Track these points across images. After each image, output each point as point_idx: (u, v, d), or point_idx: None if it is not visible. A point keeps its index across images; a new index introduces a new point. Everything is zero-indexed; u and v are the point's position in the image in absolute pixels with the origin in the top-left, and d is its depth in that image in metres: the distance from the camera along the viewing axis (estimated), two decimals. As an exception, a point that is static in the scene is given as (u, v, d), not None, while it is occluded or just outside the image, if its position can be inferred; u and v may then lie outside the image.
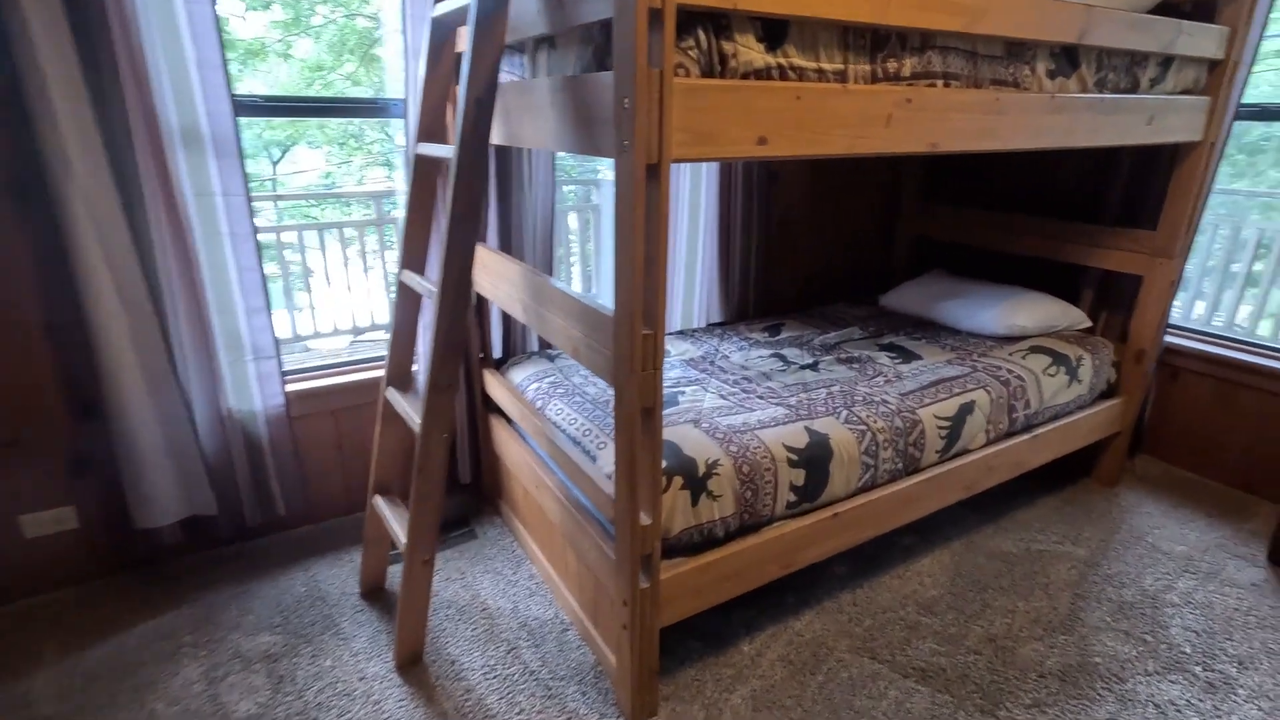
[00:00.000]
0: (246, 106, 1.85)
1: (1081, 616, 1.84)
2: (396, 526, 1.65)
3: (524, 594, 1.91)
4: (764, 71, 1.22)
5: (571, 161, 3.65)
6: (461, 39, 1.62)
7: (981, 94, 1.51)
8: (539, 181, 2.11)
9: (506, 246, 2.11)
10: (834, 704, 1.56)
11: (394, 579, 1.93)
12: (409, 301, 1.70)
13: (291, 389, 2.01)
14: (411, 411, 1.59)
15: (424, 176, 1.65)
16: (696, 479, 1.51)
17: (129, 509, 1.81)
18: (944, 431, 1.91)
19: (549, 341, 1.83)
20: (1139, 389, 2.39)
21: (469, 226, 1.42)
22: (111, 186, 1.58)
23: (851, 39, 1.31)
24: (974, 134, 1.53)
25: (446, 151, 1.46)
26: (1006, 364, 2.15)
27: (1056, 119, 1.67)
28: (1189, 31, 1.86)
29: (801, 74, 1.27)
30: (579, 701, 1.57)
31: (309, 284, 3.22)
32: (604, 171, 3.09)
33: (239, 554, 2.05)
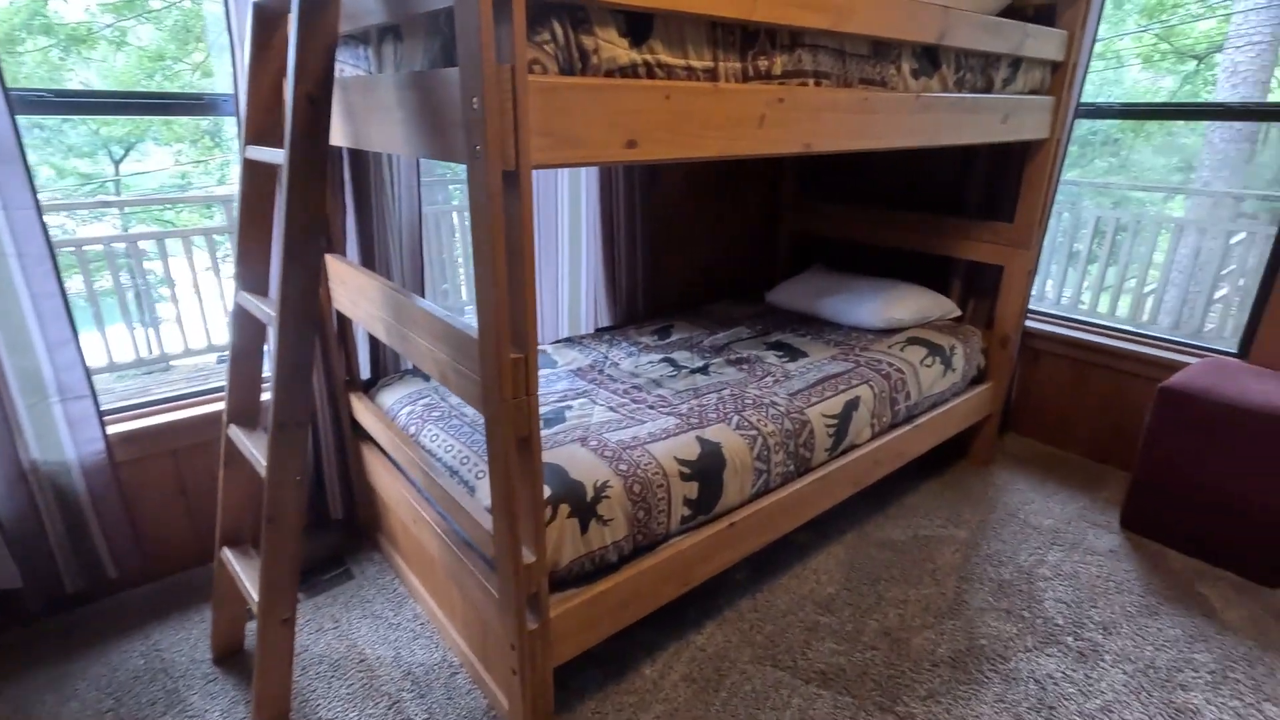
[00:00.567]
0: (30, 103, 1.56)
1: (966, 599, 1.91)
2: (248, 583, 1.45)
3: (408, 637, 1.75)
4: (629, 69, 1.14)
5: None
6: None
7: (852, 93, 1.50)
8: (402, 185, 1.93)
9: (369, 259, 1.92)
10: (739, 721, 1.52)
11: (254, 639, 1.71)
12: (249, 326, 1.49)
13: (116, 430, 1.74)
14: (258, 452, 1.40)
15: (258, 183, 1.45)
16: (585, 505, 1.41)
17: (-99, 593, 1.49)
18: (832, 429, 1.92)
19: (415, 364, 1.68)
20: (1006, 373, 2.52)
21: (310, 240, 1.24)
22: None
23: (720, 35, 1.25)
24: (846, 134, 1.52)
25: (278, 156, 1.28)
26: (887, 357, 2.20)
27: (922, 118, 1.69)
28: (1034, 35, 1.95)
29: (670, 72, 1.19)
30: (470, 755, 1.44)
31: (175, 295, 2.85)
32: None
33: (58, 629, 1.75)
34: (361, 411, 1.91)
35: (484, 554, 1.44)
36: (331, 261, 1.81)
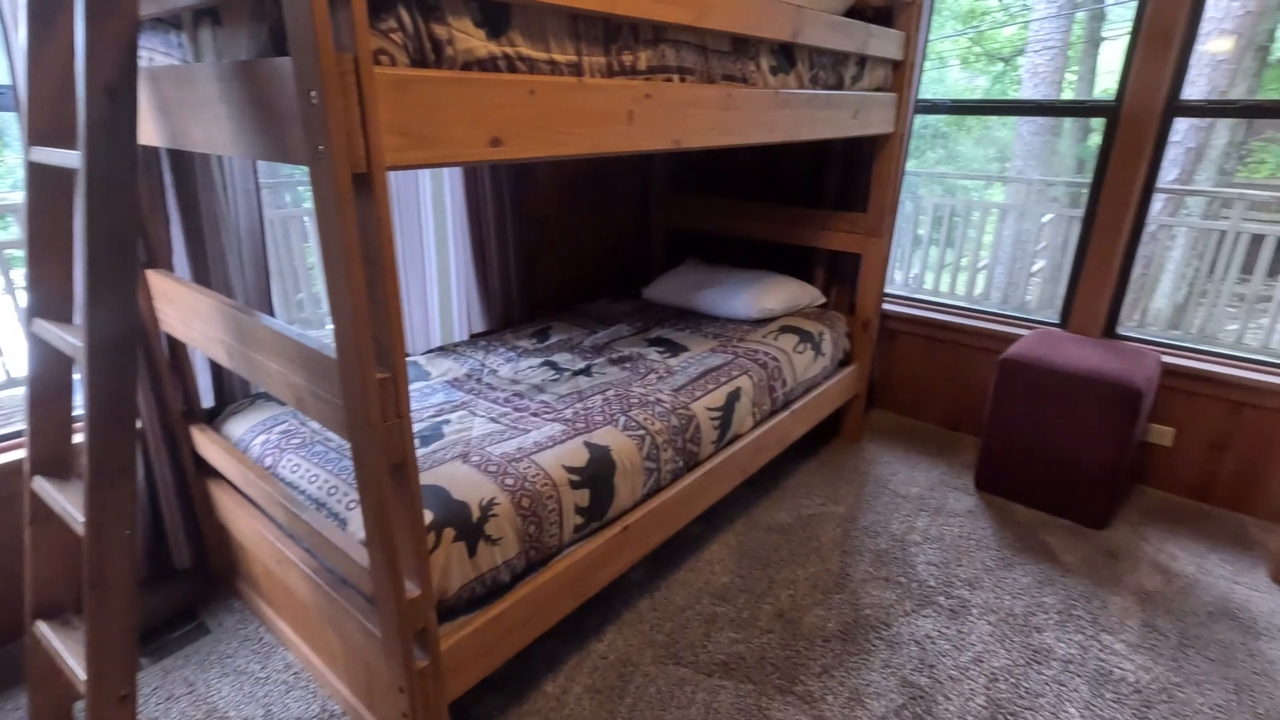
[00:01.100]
0: None
1: (850, 572, 2.00)
2: (71, 659, 1.24)
3: (279, 690, 1.58)
4: (489, 62, 1.07)
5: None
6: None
7: (716, 90, 1.51)
8: (238, 189, 1.73)
9: (203, 274, 1.71)
10: (646, 726, 1.51)
11: (87, 719, 1.47)
12: (51, 361, 1.27)
13: (-122, 495, 1.42)
14: (72, 506, 1.19)
15: (49, 192, 1.23)
16: (471, 526, 1.33)
17: None
18: (716, 422, 1.94)
19: (266, 391, 1.50)
20: (869, 354, 2.68)
21: (120, 255, 1.07)
22: None
23: (583, 28, 1.20)
24: (712, 130, 1.52)
25: (72, 159, 1.08)
26: (762, 346, 2.27)
27: (782, 114, 1.74)
28: (877, 35, 2.07)
29: (533, 66, 1.13)
30: (361, 812, 1.31)
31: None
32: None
33: None
34: (205, 445, 1.70)
35: (362, 591, 1.32)
36: (155, 279, 1.58)
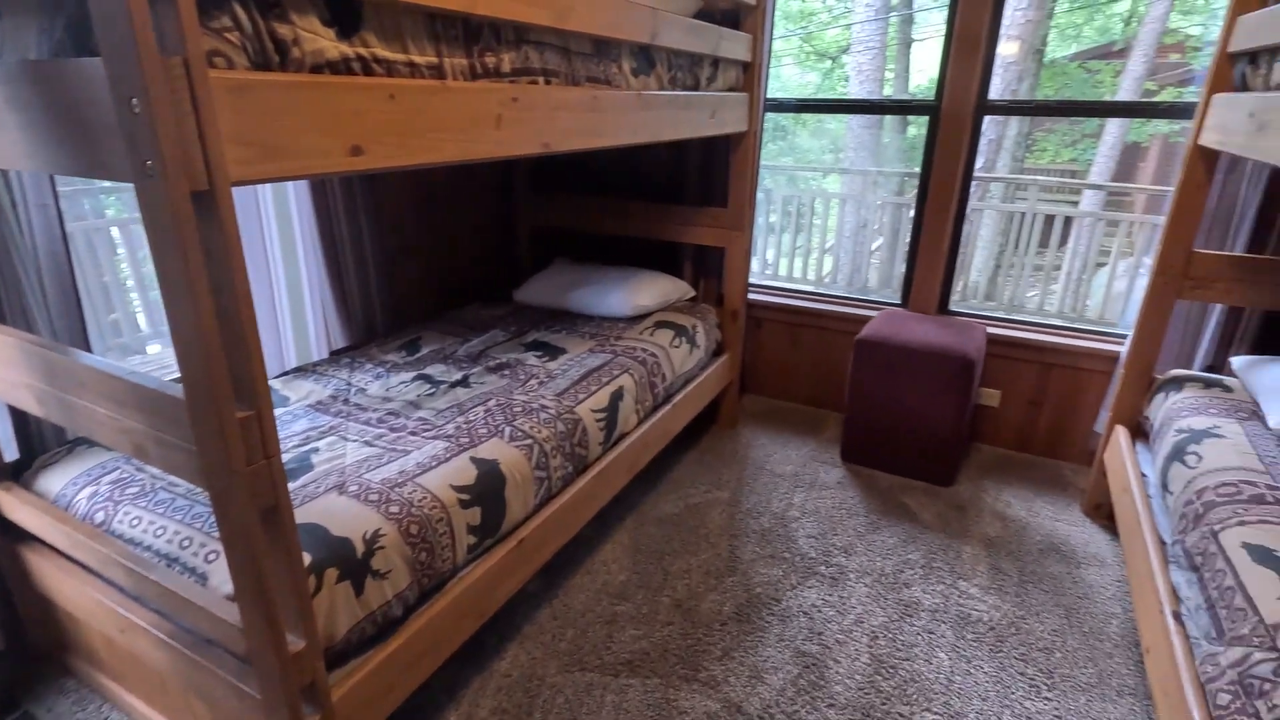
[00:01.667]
0: None
1: (739, 555, 2.09)
2: None
3: (136, 775, 1.39)
4: (341, 65, 0.99)
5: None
6: None
7: (583, 92, 1.50)
8: (30, 205, 1.48)
9: (-9, 304, 1.45)
10: (558, 738, 1.48)
11: None
12: None
13: None
14: None
15: None
16: (356, 563, 1.23)
17: None
18: (602, 423, 1.94)
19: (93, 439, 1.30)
20: (738, 342, 2.80)
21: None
22: None
23: (442, 29, 1.14)
24: (580, 132, 1.51)
25: None
26: (640, 343, 2.30)
27: (647, 115, 1.76)
28: (727, 37, 2.15)
29: (391, 68, 1.06)
30: None
31: None
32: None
33: None
34: (14, 506, 1.45)
35: (232, 650, 1.18)
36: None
